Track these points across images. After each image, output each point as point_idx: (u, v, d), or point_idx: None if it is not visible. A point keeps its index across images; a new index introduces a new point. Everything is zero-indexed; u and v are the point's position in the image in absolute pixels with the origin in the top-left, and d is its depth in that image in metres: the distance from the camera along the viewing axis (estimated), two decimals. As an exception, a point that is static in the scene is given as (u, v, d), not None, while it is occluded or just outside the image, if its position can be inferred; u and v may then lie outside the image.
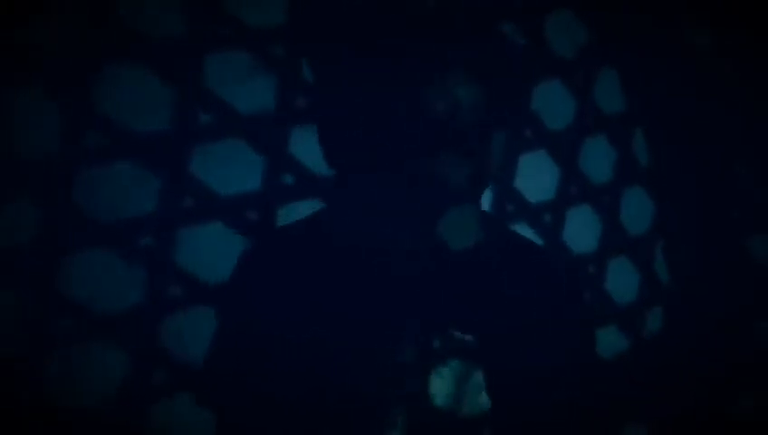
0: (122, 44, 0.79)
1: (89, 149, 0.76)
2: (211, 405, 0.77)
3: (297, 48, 0.93)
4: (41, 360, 0.73)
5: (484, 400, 0.82)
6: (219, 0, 0.88)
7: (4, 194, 0.70)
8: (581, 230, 1.26)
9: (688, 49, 1.26)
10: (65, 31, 0.76)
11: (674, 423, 1.15)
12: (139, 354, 0.76)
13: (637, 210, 1.36)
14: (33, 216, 0.71)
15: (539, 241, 1.16)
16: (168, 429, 0.79)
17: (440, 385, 0.80)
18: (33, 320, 0.73)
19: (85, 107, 0.76)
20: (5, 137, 0.70)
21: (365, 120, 0.80)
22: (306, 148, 0.95)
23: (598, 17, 1.23)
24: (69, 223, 0.73)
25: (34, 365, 0.73)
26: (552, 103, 1.21)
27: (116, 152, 0.78)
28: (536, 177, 1.20)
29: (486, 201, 1.06)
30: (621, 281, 1.30)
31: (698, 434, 1.16)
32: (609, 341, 1.24)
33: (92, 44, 0.77)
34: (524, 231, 1.14)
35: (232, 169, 0.89)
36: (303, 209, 0.94)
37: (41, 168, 0.73)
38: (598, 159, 1.30)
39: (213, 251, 0.84)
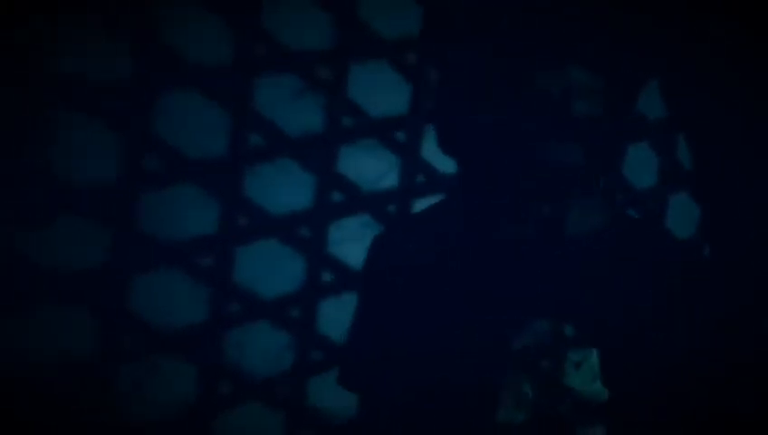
0: (176, 72, 0.84)
1: (151, 173, 0.80)
2: (353, 387, 0.83)
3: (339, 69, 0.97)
4: (113, 374, 0.77)
5: (598, 388, 0.83)
6: (263, 25, 0.92)
7: (77, 219, 0.75)
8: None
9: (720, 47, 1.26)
10: (122, 62, 0.81)
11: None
12: (204, 367, 0.80)
13: (682, 216, 1.36)
14: (105, 238, 0.76)
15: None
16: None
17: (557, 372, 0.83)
18: (105, 336, 0.77)
19: (145, 134, 0.81)
20: (78, 166, 0.75)
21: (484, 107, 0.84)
22: (354, 164, 0.99)
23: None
24: (137, 245, 0.77)
25: (106, 380, 0.78)
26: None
27: (175, 176, 0.82)
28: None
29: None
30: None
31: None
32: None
33: (149, 74, 0.82)
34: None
35: (283, 188, 0.93)
36: (352, 224, 0.98)
37: (109, 193, 0.77)
38: (641, 165, 1.30)
39: (268, 267, 0.88)
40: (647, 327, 0.83)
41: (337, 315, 0.90)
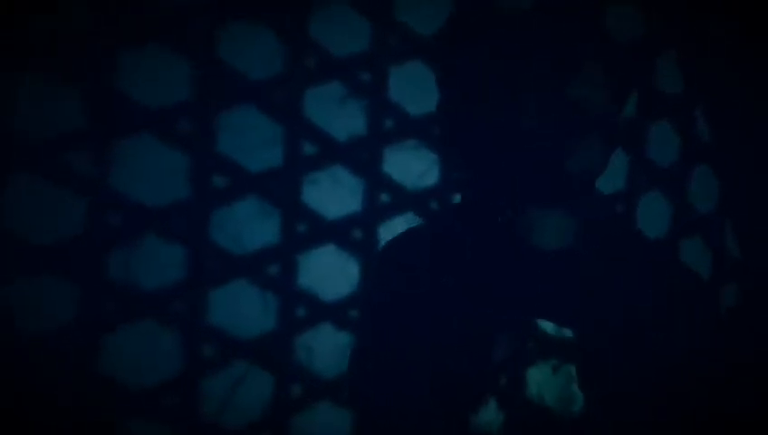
0: (234, 89, 0.87)
1: (216, 190, 0.84)
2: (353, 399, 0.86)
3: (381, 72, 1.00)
4: (194, 383, 0.82)
5: (576, 394, 0.88)
6: (310, 36, 0.95)
7: (155, 239, 0.78)
8: (654, 216, 1.31)
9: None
10: (181, 86, 0.84)
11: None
12: (280, 371, 0.84)
13: (703, 189, 1.39)
14: (180, 255, 0.79)
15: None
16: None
17: (535, 376, 0.86)
18: (183, 344, 0.81)
19: (209, 152, 0.84)
20: (152, 188, 0.78)
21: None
22: (397, 165, 1.02)
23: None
24: (209, 259, 0.81)
25: (187, 395, 0.82)
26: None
27: (239, 191, 0.85)
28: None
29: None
30: (694, 259, 1.34)
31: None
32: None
33: (209, 92, 0.85)
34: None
35: (335, 194, 0.96)
36: (398, 223, 1.01)
37: (179, 211, 0.81)
38: (662, 144, 1.34)
39: (328, 270, 0.92)
40: (629, 331, 0.87)
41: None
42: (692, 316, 0.93)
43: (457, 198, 1.01)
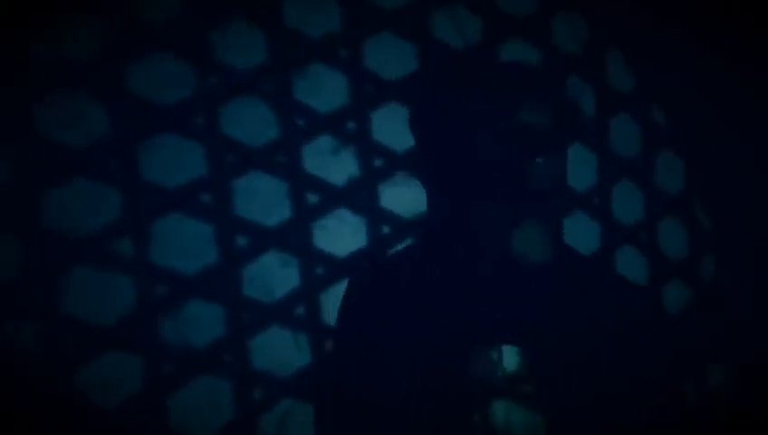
0: (240, 160, 0.98)
1: (241, 250, 0.95)
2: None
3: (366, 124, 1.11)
4: (249, 424, 0.92)
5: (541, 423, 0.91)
6: (301, 103, 1.05)
7: (198, 302, 0.89)
8: (626, 203, 1.41)
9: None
10: (196, 162, 0.95)
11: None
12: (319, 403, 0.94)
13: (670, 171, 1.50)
14: (221, 313, 0.90)
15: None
16: None
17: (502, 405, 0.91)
18: (235, 390, 0.91)
19: (229, 217, 0.95)
20: (186, 259, 0.88)
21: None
22: (392, 198, 1.13)
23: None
24: (245, 312, 0.92)
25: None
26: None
27: (260, 247, 0.97)
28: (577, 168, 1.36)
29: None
30: (673, 239, 1.45)
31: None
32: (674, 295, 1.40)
33: (221, 166, 0.96)
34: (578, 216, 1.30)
35: (342, 233, 1.07)
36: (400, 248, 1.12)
37: (213, 274, 0.91)
38: (625, 136, 1.45)
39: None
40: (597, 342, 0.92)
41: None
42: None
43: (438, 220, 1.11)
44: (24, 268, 0.82)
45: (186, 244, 0.90)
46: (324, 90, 1.09)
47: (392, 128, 1.15)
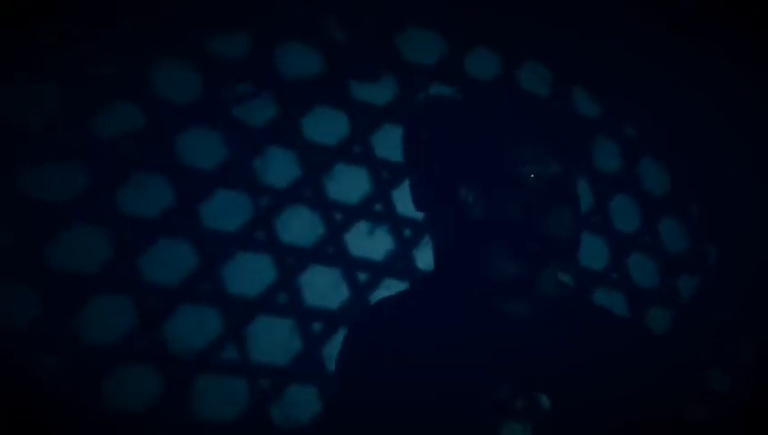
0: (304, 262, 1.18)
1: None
2: None
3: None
4: None
5: None
6: (326, 199, 1.25)
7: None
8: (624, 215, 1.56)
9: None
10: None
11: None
12: None
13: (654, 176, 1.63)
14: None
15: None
16: None
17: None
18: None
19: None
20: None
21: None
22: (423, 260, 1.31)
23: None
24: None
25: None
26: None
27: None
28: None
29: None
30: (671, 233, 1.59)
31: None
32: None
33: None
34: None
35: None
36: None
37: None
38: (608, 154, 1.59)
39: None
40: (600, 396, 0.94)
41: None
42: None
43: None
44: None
45: (276, 339, 1.11)
46: (349, 184, 1.29)
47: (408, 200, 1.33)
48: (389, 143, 1.31)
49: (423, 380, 0.96)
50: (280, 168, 1.21)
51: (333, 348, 1.15)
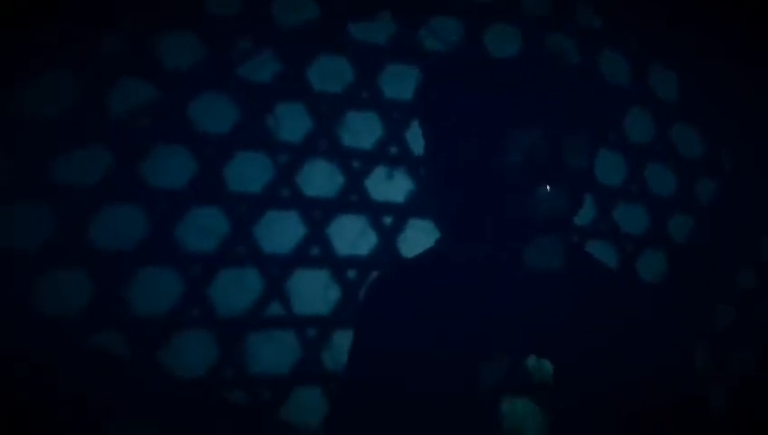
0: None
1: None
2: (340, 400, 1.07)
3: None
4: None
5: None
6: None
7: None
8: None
9: None
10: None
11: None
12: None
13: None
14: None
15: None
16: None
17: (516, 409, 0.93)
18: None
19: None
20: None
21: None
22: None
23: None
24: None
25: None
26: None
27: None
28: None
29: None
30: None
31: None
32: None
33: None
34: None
35: (418, 239, 1.29)
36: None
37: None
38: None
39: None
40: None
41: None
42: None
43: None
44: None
45: (315, 290, 1.14)
46: (362, 130, 1.30)
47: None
48: (396, 83, 1.31)
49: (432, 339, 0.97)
50: (293, 123, 1.22)
51: (370, 293, 1.19)
